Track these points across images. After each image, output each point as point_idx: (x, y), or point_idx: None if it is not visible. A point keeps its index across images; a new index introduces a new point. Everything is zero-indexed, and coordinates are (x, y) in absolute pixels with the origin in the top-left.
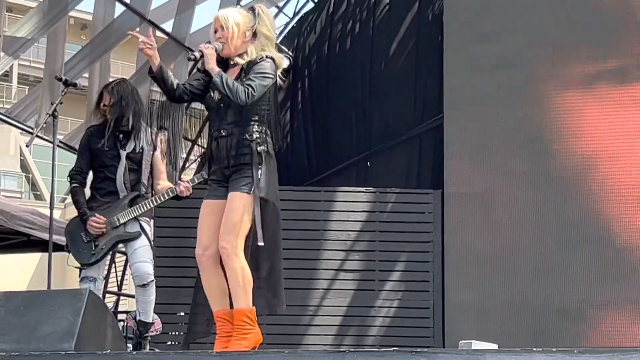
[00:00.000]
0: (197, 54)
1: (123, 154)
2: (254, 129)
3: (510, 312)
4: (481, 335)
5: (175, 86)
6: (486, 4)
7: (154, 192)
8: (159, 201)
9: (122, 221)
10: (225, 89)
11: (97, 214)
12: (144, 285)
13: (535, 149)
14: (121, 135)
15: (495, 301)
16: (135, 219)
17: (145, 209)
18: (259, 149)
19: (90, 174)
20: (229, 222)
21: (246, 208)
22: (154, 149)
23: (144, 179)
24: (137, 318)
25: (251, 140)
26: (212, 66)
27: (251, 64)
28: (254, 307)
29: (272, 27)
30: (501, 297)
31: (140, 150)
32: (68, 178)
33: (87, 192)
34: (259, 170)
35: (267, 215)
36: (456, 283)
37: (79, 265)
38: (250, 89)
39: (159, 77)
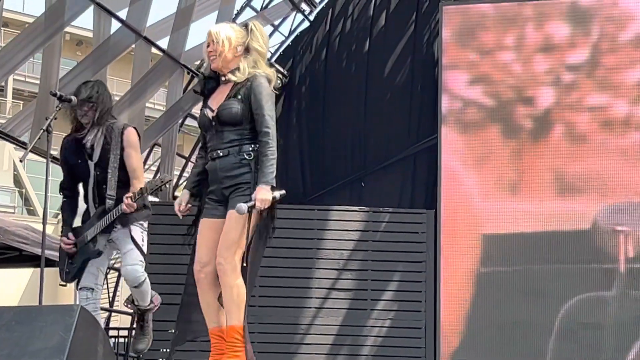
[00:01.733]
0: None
1: (91, 164)
2: (251, 148)
3: (502, 332)
4: (473, 355)
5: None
6: (482, 24)
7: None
8: (114, 217)
9: (89, 237)
10: (275, 165)
11: (70, 234)
12: (137, 286)
13: (529, 169)
14: (87, 144)
15: (487, 321)
16: (108, 232)
17: (106, 223)
18: (257, 167)
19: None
20: (228, 239)
21: (244, 226)
22: (122, 149)
23: (110, 189)
24: (136, 304)
25: (250, 160)
26: (269, 194)
27: (247, 83)
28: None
29: (266, 43)
30: (493, 317)
31: (107, 157)
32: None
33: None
34: None
35: (264, 234)
36: (448, 303)
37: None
38: (269, 128)
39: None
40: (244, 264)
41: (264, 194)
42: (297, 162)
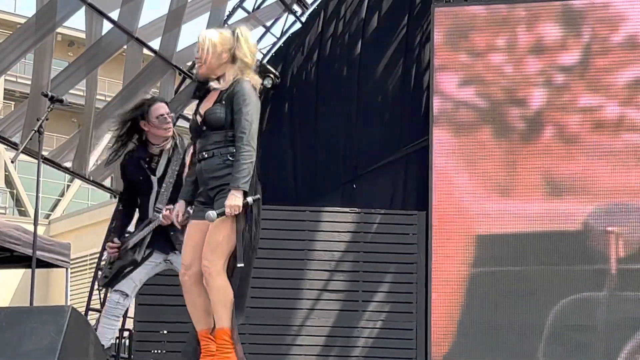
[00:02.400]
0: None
1: (154, 180)
2: (235, 150)
3: (493, 333)
4: (464, 356)
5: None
6: (474, 26)
7: None
8: (149, 230)
9: (130, 245)
10: (250, 170)
11: (115, 238)
12: None
13: (521, 170)
14: (149, 159)
15: (478, 323)
16: (165, 252)
17: (145, 233)
18: None
19: None
20: (213, 241)
21: (230, 228)
22: (183, 166)
23: (159, 202)
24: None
25: (234, 161)
26: (239, 200)
27: (231, 88)
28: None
29: (251, 51)
30: (484, 319)
31: (171, 172)
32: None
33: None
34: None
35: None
36: (440, 304)
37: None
38: (244, 133)
39: None
40: (239, 264)
41: (234, 200)
42: (289, 163)
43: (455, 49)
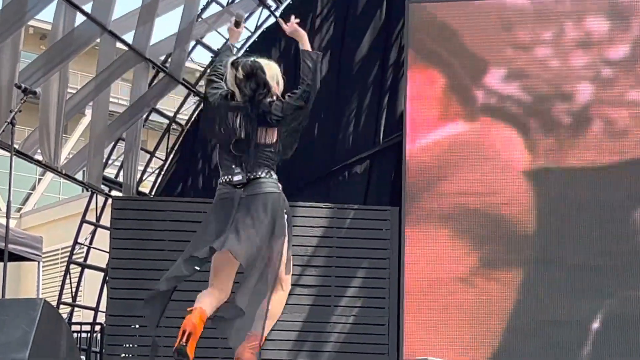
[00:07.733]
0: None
1: None
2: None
3: (465, 328)
4: (436, 351)
5: None
6: (448, 22)
7: None
8: None
9: None
10: (316, 73)
11: None
12: None
13: (494, 167)
14: None
15: (450, 318)
16: None
17: None
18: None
19: None
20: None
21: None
22: None
23: None
24: None
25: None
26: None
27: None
28: None
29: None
30: (457, 314)
31: None
32: None
33: None
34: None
35: None
36: (412, 299)
37: None
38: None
39: None
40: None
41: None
42: None
43: (430, 43)
